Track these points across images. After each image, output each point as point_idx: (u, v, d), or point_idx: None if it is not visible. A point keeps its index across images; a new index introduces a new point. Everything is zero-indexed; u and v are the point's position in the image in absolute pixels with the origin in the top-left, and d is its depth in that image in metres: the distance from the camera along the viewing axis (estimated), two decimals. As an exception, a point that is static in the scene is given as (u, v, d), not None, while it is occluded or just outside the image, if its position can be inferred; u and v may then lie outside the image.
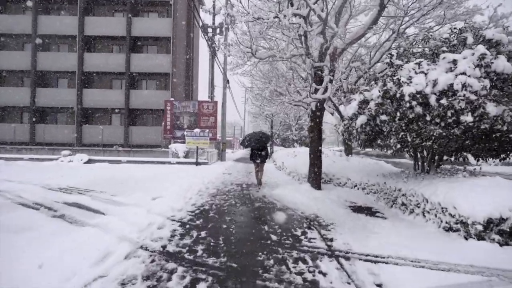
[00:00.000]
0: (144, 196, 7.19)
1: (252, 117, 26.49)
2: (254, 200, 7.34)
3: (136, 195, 7.26)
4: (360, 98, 6.07)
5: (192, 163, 16.09)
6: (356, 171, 8.37)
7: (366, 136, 6.15)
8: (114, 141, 22.25)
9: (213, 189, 8.81)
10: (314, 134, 8.41)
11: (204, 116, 20.44)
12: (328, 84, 7.69)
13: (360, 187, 7.96)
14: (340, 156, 10.62)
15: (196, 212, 5.91)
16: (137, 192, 7.78)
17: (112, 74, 23.32)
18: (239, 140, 62.53)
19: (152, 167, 14.73)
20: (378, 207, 6.83)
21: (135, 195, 7.32)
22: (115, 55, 23.08)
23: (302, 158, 11.58)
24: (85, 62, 22.53)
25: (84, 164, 15.50)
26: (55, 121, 23.66)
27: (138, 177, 10.77)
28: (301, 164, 10.51)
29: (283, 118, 22.85)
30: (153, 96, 22.60)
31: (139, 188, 8.35)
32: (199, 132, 16.19)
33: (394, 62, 5.60)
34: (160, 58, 22.75)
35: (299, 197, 7.59)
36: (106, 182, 9.50)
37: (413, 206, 5.62)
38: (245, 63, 10.14)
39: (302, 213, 6.10)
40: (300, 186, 8.77)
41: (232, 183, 10.30)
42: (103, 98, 22.57)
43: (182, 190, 8.18)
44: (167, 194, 7.42)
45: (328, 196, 7.62)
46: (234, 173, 13.34)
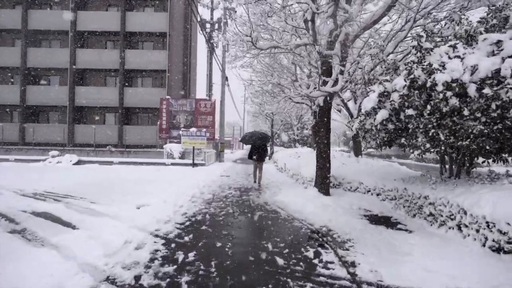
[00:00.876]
0: (129, 203, 6.27)
1: (252, 116, 25.56)
2: (255, 208, 6.41)
3: (120, 202, 6.34)
4: (380, 90, 5.16)
5: (188, 164, 15.17)
6: (369, 174, 7.45)
7: (387, 134, 5.23)
8: (108, 141, 21.31)
9: (209, 194, 7.88)
10: (322, 133, 7.49)
11: (202, 115, 19.51)
12: (338, 76, 6.78)
13: (374, 193, 7.04)
14: (349, 157, 9.70)
15: (186, 225, 4.98)
16: (122, 198, 6.86)
17: (106, 71, 22.38)
18: (239, 140, 61.55)
19: (145, 169, 13.80)
20: (397, 216, 5.92)
21: (119, 202, 6.40)
22: (109, 51, 22.13)
23: (306, 159, 10.66)
24: (77, 59, 21.59)
25: (73, 165, 14.57)
26: (46, 120, 22.71)
27: (128, 180, 9.84)
28: (305, 166, 9.59)
29: (284, 117, 21.93)
30: (149, 94, 21.67)
31: (125, 194, 7.42)
32: (195, 131, 15.26)
33: (422, 45, 4.67)
34: (155, 54, 21.82)
35: (305, 204, 6.67)
36: (90, 186, 8.57)
37: (445, 218, 4.70)
38: (245, 55, 9.24)
39: (311, 225, 5.17)
40: (306, 191, 7.85)
41: (230, 187, 9.38)
42: (97, 96, 21.63)
43: (174, 195, 7.26)
44: (156, 201, 6.49)
45: (339, 204, 6.71)
46: (232, 175, 12.41)
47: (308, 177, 8.77)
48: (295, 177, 10.48)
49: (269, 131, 29.37)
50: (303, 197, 7.20)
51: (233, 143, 49.99)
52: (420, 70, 4.54)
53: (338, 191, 7.81)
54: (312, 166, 9.13)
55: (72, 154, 15.32)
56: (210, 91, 21.65)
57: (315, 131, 14.59)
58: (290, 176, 11.33)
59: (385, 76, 5.30)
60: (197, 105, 19.50)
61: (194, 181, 9.88)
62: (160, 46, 22.71)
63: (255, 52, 8.96)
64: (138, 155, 19.15)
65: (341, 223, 5.27)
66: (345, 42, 6.72)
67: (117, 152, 19.57)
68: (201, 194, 7.85)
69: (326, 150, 7.45)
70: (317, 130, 7.65)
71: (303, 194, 7.53)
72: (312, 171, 8.64)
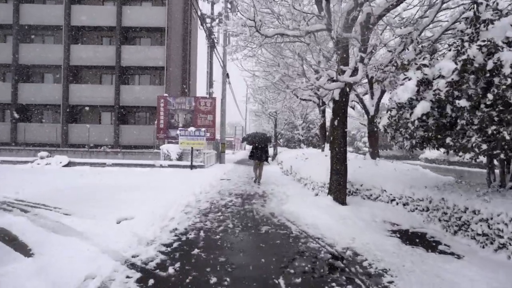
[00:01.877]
0: (109, 215, 5.23)
1: (254, 115, 24.50)
2: (260, 222, 5.36)
3: (99, 214, 5.30)
4: (418, 77, 4.09)
5: (186, 166, 14.14)
6: (392, 180, 6.38)
7: (426, 132, 4.17)
8: (103, 141, 20.31)
9: (206, 203, 6.84)
10: (337, 132, 6.43)
11: (201, 113, 18.48)
12: (358, 64, 5.73)
13: (400, 202, 5.96)
14: (364, 159, 8.63)
15: (174, 247, 3.94)
16: (104, 208, 5.83)
17: (102, 68, 21.37)
18: (241, 140, 60.54)
19: (139, 171, 12.78)
20: (433, 232, 4.86)
21: (97, 214, 5.36)
22: (105, 47, 21.13)
23: (315, 161, 9.61)
24: (72, 55, 20.59)
25: (62, 167, 13.58)
26: (39, 119, 21.73)
27: (116, 185, 8.81)
28: (315, 170, 8.53)
29: (288, 116, 20.87)
30: (146, 92, 20.64)
31: (109, 202, 6.39)
32: (194, 131, 14.22)
33: (481, 16, 3.61)
34: (153, 50, 20.80)
35: (320, 216, 5.63)
36: (72, 192, 7.55)
37: (507, 240, 3.65)
38: (247, 44, 8.21)
39: (332, 247, 4.12)
40: (318, 199, 6.79)
41: (231, 193, 8.33)
42: (92, 94, 20.63)
43: (165, 205, 6.23)
44: (142, 212, 5.46)
45: (359, 215, 5.65)
46: (234, 179, 11.36)
47: (319, 182, 7.71)
48: (303, 181, 9.43)
49: (272, 131, 28.31)
50: (315, 206, 6.15)
51: (234, 144, 48.94)
52: (476, 49, 3.48)
53: (356, 199, 6.74)
54: (323, 170, 8.08)
55: (62, 155, 14.33)
56: (210, 88, 20.64)
57: (324, 131, 13.56)
58: (297, 180, 10.28)
59: (422, 61, 4.23)
60: (197, 103, 18.47)
61: (190, 186, 8.85)
62: (158, 42, 21.70)
63: (258, 41, 7.95)
64: (134, 156, 18.13)
65: (368, 243, 4.22)
66: (366, 24, 5.67)
67: (113, 153, 18.55)
68: (197, 203, 6.81)
69: (342, 152, 6.39)
70: (332, 129, 6.59)
71: (316, 203, 6.47)
72: (323, 175, 7.59)
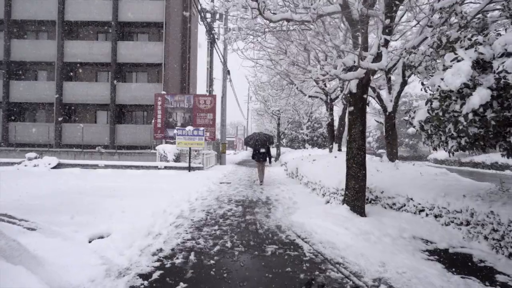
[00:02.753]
0: (82, 230, 4.31)
1: (256, 114, 23.56)
2: (265, 239, 4.42)
3: (71, 229, 4.37)
4: (471, 57, 3.14)
5: (183, 168, 13.22)
6: (419, 187, 5.42)
7: (482, 128, 3.20)
8: (98, 141, 19.43)
9: (202, 212, 5.91)
10: (355, 130, 5.48)
11: (201, 112, 17.55)
12: (382, 49, 4.78)
13: (431, 214, 5.01)
14: (381, 161, 7.67)
15: (153, 279, 3.00)
16: (79, 220, 4.91)
17: (97, 65, 20.50)
18: (242, 140, 59.69)
19: (132, 174, 11.87)
20: (480, 254, 3.92)
21: (70, 227, 4.43)
22: (100, 43, 20.26)
23: (324, 163, 8.66)
24: (65, 51, 19.70)
25: (51, 169, 12.69)
26: (32, 118, 20.89)
27: (102, 190, 7.89)
28: (325, 173, 7.58)
29: (292, 115, 19.92)
30: (143, 90, 19.74)
31: (87, 212, 5.47)
32: (192, 130, 13.29)
33: None
34: (151, 46, 19.90)
35: (336, 230, 4.69)
36: (49, 200, 6.62)
37: None
38: (248, 32, 7.26)
39: (359, 277, 3.17)
40: (331, 208, 5.84)
41: (231, 199, 7.39)
42: (87, 92, 19.74)
43: (153, 215, 5.31)
44: (123, 226, 4.54)
45: (383, 230, 4.70)
46: (234, 182, 10.43)
47: (331, 188, 6.76)
48: (311, 185, 8.48)
49: (275, 130, 27.37)
50: (329, 217, 5.20)
51: (236, 144, 48.06)
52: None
53: (375, 209, 5.78)
54: (335, 173, 7.15)
55: (52, 157, 13.43)
56: (210, 86, 19.73)
57: (332, 130, 12.59)
58: (304, 184, 9.33)
59: (474, 36, 3.28)
60: (196, 101, 17.54)
61: (186, 191, 7.93)
62: (156, 37, 20.81)
63: (262, 28, 7.02)
64: (130, 157, 17.26)
65: (405, 271, 3.28)
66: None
67: (107, 154, 17.68)
68: (191, 212, 5.87)
69: (361, 154, 5.43)
70: (348, 127, 5.63)
71: (329, 212, 5.52)
72: (335, 180, 6.65)
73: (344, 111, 11.39)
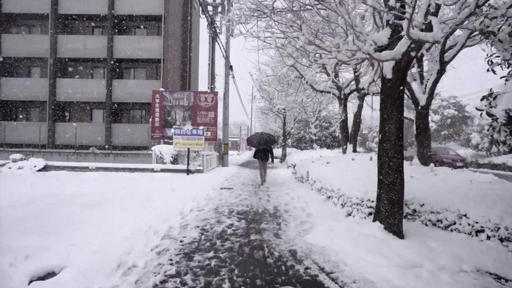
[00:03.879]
0: (28, 262, 3.17)
1: (260, 113, 22.36)
2: (277, 274, 3.23)
3: (13, 257, 3.23)
4: None
5: (182, 170, 12.07)
6: (474, 200, 4.20)
7: None
8: (94, 142, 18.36)
9: (195, 230, 4.74)
10: (390, 126, 4.28)
11: (202, 110, 16.39)
12: (431, 18, 3.60)
13: (495, 236, 3.79)
14: (411, 165, 6.45)
15: None
16: (38, 239, 3.78)
17: (93, 61, 19.43)
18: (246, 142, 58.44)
19: (124, 177, 10.75)
20: None
21: (11, 255, 3.28)
22: (96, 37, 19.19)
23: (341, 167, 7.46)
24: (59, 46, 18.64)
25: (37, 171, 11.61)
26: (25, 117, 19.86)
27: (83, 198, 6.74)
28: (345, 179, 6.38)
29: (299, 113, 18.70)
30: (141, 87, 18.62)
31: (55, 227, 4.35)
32: (191, 129, 12.13)
33: None
34: (149, 41, 18.79)
35: (372, 260, 3.51)
36: (15, 211, 5.48)
37: None
38: (253, 13, 6.10)
39: None
40: (358, 224, 4.64)
41: (232, 210, 6.22)
42: (82, 90, 18.67)
43: (132, 235, 4.16)
44: (87, 252, 3.40)
45: (434, 259, 3.51)
46: (237, 188, 9.26)
47: (354, 198, 5.56)
48: (326, 192, 7.29)
49: (279, 130, 26.18)
50: (359, 240, 4.01)
51: (240, 144, 46.90)
52: None
53: (414, 226, 4.57)
54: (357, 180, 5.96)
55: (38, 158, 12.34)
56: (212, 83, 18.56)
57: (345, 129, 11.36)
58: (317, 190, 8.13)
59: None
60: (196, 98, 16.39)
61: (181, 199, 6.79)
62: (155, 32, 19.70)
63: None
64: (126, 159, 16.18)
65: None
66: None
67: (102, 155, 16.62)
68: (182, 230, 4.71)
69: (397, 157, 4.23)
70: (382, 122, 4.42)
71: (356, 231, 4.33)
72: (360, 188, 5.47)
73: (360, 108, 10.19)
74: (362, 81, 10.20)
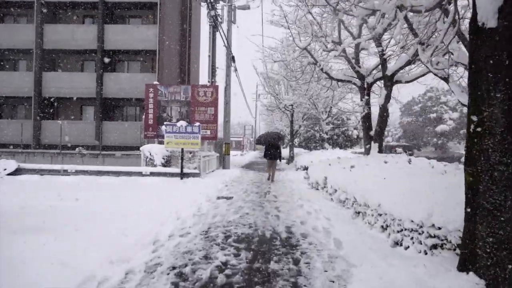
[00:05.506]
0: None
1: (266, 109, 20.55)
2: None
3: None
4: None
5: (174, 174, 10.35)
6: None
7: None
8: (83, 141, 16.72)
9: (166, 277, 2.99)
10: (493, 110, 2.51)
11: (200, 106, 14.64)
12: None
13: None
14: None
15: None
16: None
17: (83, 52, 17.81)
18: (250, 140, 56.81)
19: (106, 183, 9.08)
20: None
21: None
22: (86, 27, 17.60)
23: (377, 174, 5.66)
24: (46, 37, 17.03)
25: (6, 176, 9.97)
26: (9, 115, 18.31)
27: (45, 214, 5.02)
28: (386, 190, 4.59)
29: (308, 109, 16.90)
30: (135, 81, 16.93)
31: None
32: (185, 126, 10.40)
33: None
34: (143, 30, 17.12)
35: None
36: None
37: None
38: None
39: None
40: (427, 272, 2.86)
41: (229, 233, 4.47)
42: (70, 84, 17.04)
43: (83, 277, 2.43)
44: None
45: None
46: (238, 197, 7.52)
47: (407, 221, 3.78)
48: (352, 205, 5.52)
49: (286, 129, 24.39)
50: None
51: (243, 144, 45.15)
52: None
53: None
54: (405, 193, 4.19)
55: (10, 160, 10.69)
56: (212, 77, 16.84)
57: (368, 125, 9.53)
58: (340, 202, 6.36)
59: None
60: (194, 92, 14.65)
61: (161, 216, 5.07)
62: (151, 20, 18.03)
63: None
64: (116, 160, 14.54)
65: None
66: None
67: (90, 156, 14.99)
68: (145, 278, 2.96)
69: (507, 162, 2.45)
70: (473, 106, 2.64)
71: (421, 281, 2.56)
72: (414, 206, 3.71)
73: (387, 99, 8.39)
74: (389, 67, 8.41)
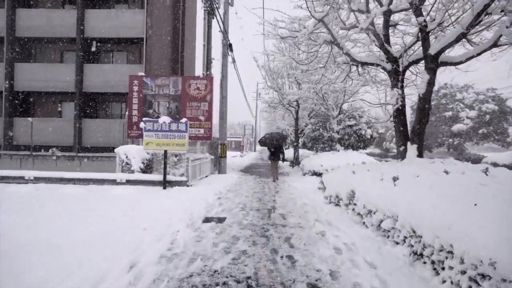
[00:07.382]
0: None
1: (268, 106, 18.55)
2: None
3: None
4: None
5: (156, 182, 8.37)
6: None
7: None
8: (61, 142, 14.76)
9: None
10: None
11: (192, 100, 12.65)
12: None
13: None
14: None
15: None
16: None
17: (62, 41, 15.79)
18: (250, 140, 54.77)
19: (67, 194, 7.06)
20: None
21: None
22: (64, 12, 15.58)
23: (447, 193, 3.65)
24: (18, 23, 15.06)
25: None
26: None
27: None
28: (476, 221, 2.57)
29: (315, 105, 14.88)
30: (120, 73, 14.92)
31: None
32: (168, 123, 8.39)
33: None
34: (129, 15, 15.12)
35: None
36: None
37: None
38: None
39: None
40: None
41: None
42: (46, 77, 15.04)
43: None
44: None
45: None
46: (233, 219, 5.50)
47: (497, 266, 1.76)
48: (397, 235, 3.53)
49: (288, 128, 22.37)
50: None
51: (243, 144, 43.07)
52: None
53: None
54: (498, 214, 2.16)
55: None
56: (208, 69, 14.82)
57: (403, 121, 7.26)
58: (380, 229, 4.35)
59: None
60: (185, 85, 12.66)
61: (112, 256, 3.06)
62: (138, 5, 16.04)
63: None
64: (96, 163, 12.54)
65: None
66: None
67: (65, 159, 13.01)
68: None
69: None
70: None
71: None
72: None
73: (431, 86, 6.38)
74: (433, 45, 6.38)
